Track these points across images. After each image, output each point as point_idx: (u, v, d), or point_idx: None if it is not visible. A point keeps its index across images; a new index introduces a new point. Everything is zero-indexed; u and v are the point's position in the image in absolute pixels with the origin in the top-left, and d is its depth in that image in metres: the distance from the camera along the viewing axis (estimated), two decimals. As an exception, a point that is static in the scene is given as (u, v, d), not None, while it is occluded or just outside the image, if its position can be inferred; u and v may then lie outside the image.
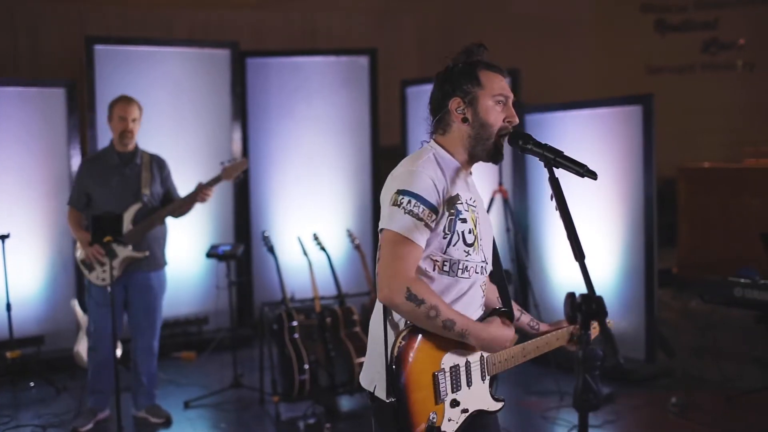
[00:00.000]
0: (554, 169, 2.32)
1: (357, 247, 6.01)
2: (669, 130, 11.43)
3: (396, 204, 2.33)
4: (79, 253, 5.04)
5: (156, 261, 5.10)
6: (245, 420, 5.26)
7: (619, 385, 5.61)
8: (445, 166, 2.45)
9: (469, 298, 2.48)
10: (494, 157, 2.51)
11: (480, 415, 2.49)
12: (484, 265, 2.52)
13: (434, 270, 2.41)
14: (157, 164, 5.16)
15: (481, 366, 2.49)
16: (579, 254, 2.01)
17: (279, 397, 5.26)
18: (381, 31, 9.03)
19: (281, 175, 7.42)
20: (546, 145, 2.37)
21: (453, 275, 2.42)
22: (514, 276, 5.87)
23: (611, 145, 5.97)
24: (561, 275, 6.34)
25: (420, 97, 7.42)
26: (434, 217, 2.34)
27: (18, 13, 7.12)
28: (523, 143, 2.40)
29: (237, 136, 7.17)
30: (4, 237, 5.73)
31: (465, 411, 2.43)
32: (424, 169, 2.38)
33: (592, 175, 2.31)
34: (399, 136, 7.58)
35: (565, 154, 2.36)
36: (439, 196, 2.36)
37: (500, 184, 5.86)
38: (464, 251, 2.43)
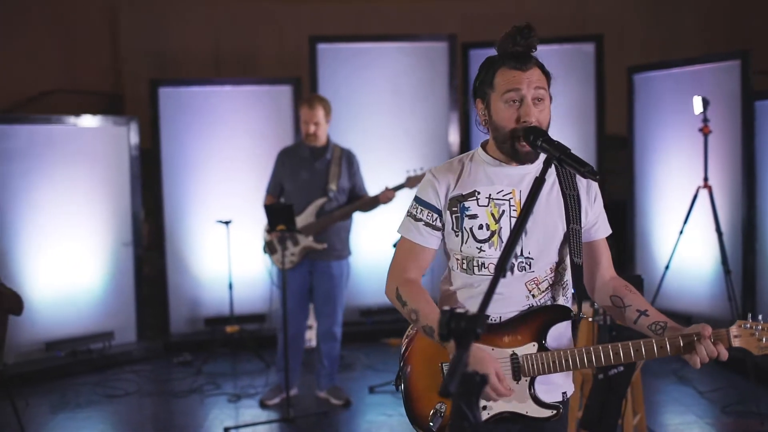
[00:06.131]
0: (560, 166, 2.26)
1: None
2: None
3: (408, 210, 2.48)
4: (266, 236, 5.36)
5: (336, 252, 5.29)
6: (417, 410, 5.31)
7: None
8: (473, 165, 2.44)
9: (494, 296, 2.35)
10: (515, 158, 2.37)
11: (518, 419, 2.34)
12: (517, 261, 2.35)
13: (457, 268, 2.43)
14: (347, 159, 5.33)
15: (512, 364, 2.33)
16: (501, 267, 1.82)
17: (450, 390, 5.24)
18: (660, 13, 8.44)
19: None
20: (556, 142, 2.23)
21: (470, 273, 2.39)
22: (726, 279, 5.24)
23: None
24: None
25: (645, 83, 6.90)
26: (435, 216, 2.40)
27: (240, 16, 7.81)
28: (534, 139, 2.26)
29: (453, 128, 7.19)
30: (227, 222, 6.35)
31: (484, 408, 2.32)
32: (434, 173, 2.44)
33: (593, 176, 2.14)
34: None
35: (571, 152, 2.19)
36: (439, 196, 2.40)
37: (705, 179, 5.25)
38: (476, 248, 2.38)
